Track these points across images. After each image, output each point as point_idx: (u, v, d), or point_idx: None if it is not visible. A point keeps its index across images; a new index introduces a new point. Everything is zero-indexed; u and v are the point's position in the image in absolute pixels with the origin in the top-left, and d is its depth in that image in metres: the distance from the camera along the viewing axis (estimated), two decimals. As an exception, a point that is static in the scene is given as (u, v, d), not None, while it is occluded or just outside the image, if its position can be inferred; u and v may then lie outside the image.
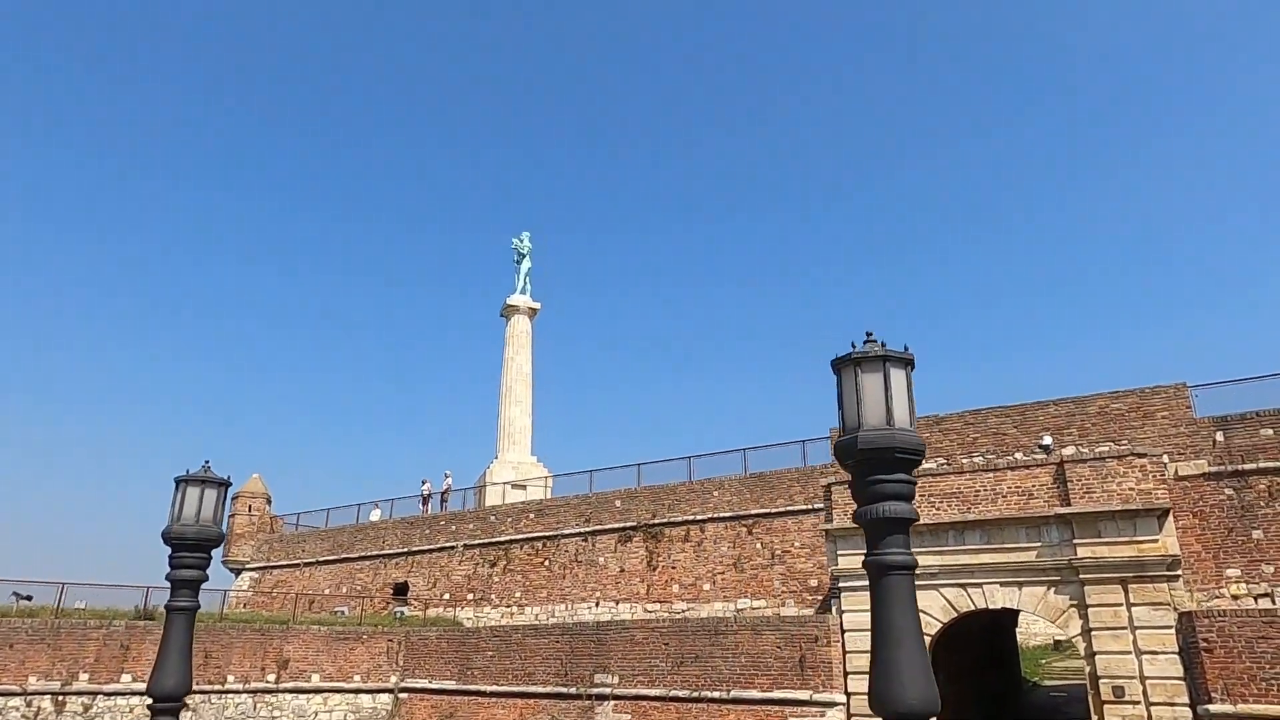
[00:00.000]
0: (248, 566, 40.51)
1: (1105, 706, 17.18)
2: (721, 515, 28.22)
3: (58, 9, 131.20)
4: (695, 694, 20.86)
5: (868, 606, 18.00)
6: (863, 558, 5.46)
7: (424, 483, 38.60)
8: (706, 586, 27.43)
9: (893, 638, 3.90)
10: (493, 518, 33.56)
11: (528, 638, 24.76)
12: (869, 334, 3.86)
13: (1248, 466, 21.13)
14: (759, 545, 27.18)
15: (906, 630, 3.84)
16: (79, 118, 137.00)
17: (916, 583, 18.34)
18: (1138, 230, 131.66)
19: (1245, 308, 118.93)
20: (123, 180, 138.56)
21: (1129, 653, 17.26)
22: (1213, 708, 15.80)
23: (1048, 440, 21.28)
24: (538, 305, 46.42)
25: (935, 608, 19.43)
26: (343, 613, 31.75)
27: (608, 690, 22.20)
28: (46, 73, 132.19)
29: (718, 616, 24.25)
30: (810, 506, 26.67)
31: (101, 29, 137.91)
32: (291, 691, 25.70)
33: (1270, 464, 20.90)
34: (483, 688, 24.54)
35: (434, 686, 25.89)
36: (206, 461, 9.10)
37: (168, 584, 8.76)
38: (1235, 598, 19.65)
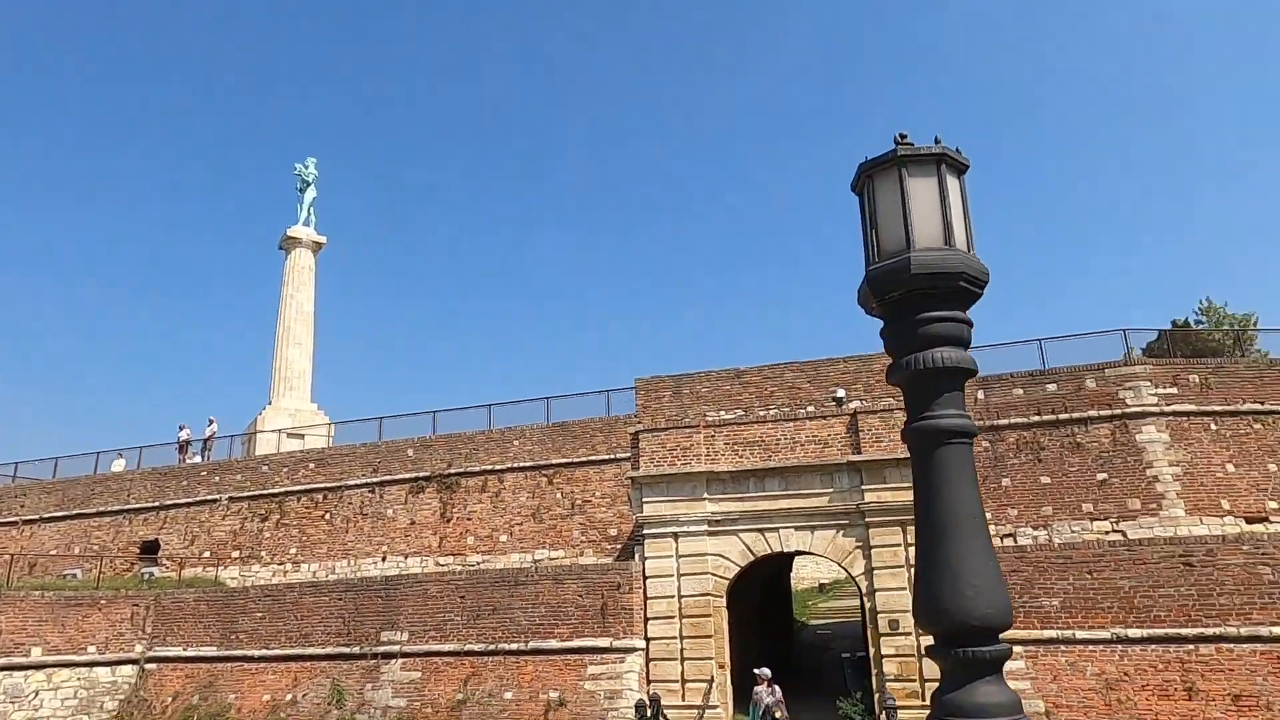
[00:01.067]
0: (-54, 526, 33.89)
1: (882, 639, 18.45)
2: (522, 465, 27.32)
3: None
4: (492, 647, 20.00)
5: (670, 552, 17.87)
6: (666, 504, 4.50)
7: (181, 428, 34.14)
8: (504, 538, 26.52)
9: (953, 527, 2.76)
10: (265, 468, 30.33)
11: (305, 596, 22.58)
12: (902, 135, 2.94)
13: (1001, 422, 23.54)
14: (559, 495, 26.64)
15: (969, 518, 2.73)
16: None
17: (718, 528, 18.28)
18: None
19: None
20: None
21: (904, 589, 18.60)
22: (972, 635, 17.38)
23: (841, 393, 22.40)
24: (323, 239, 42.43)
25: (734, 552, 19.89)
26: (74, 576, 27.36)
27: (396, 648, 20.76)
28: None
29: (516, 567, 23.46)
30: (613, 456, 26.49)
31: None
32: (2, 669, 21.68)
33: (1020, 420, 23.42)
34: (250, 652, 22.09)
35: (190, 654, 22.96)
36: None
37: None
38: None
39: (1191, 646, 16.18)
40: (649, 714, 13.03)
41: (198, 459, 33.34)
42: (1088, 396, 23.21)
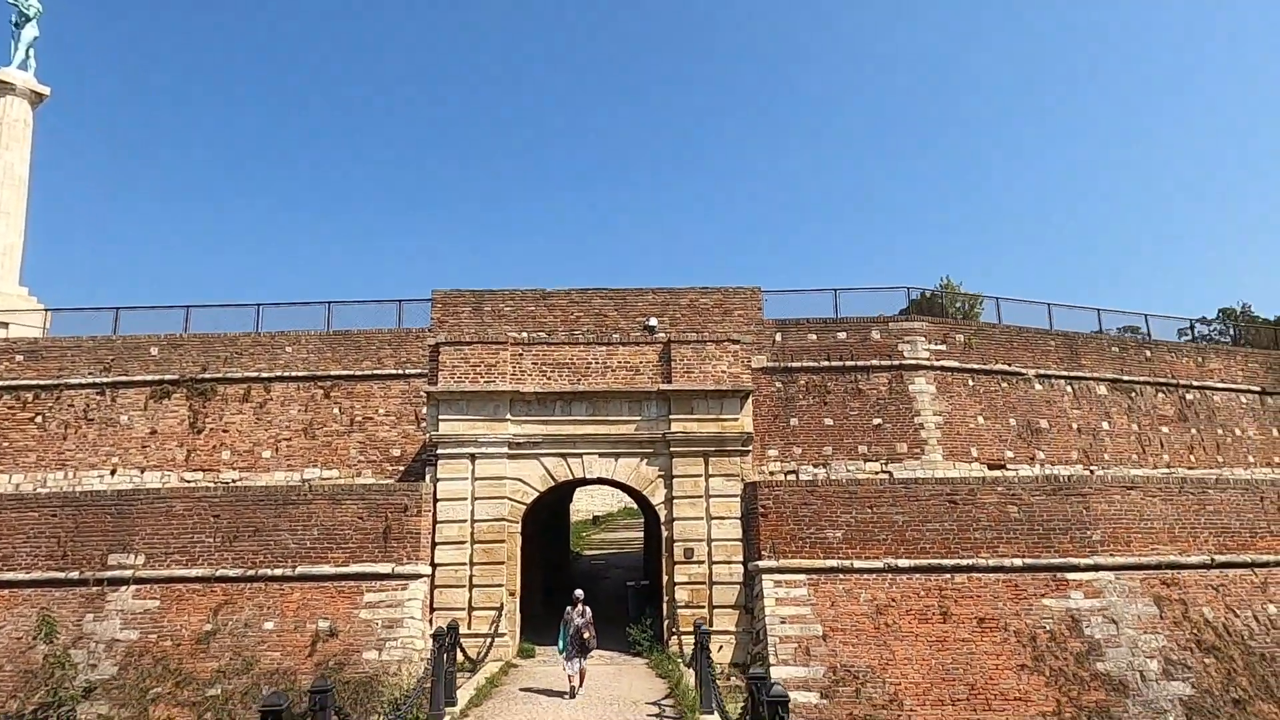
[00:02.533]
0: None
1: (676, 567, 18.52)
2: (294, 375, 24.35)
3: None
4: (251, 572, 17.65)
5: (465, 474, 16.51)
6: (465, 423, 3.69)
7: None
8: (267, 454, 23.59)
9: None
10: (-47, 357, 24.65)
11: (5, 510, 18.59)
12: None
13: (794, 365, 24.45)
14: (337, 410, 24.11)
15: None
16: None
17: (519, 451, 17.30)
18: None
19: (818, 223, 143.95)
20: None
21: (702, 519, 18.77)
22: (762, 563, 17.92)
23: (653, 322, 22.01)
24: (45, 90, 34.90)
25: (535, 476, 18.96)
26: None
27: (128, 573, 17.71)
28: None
29: (285, 485, 20.89)
30: (402, 372, 24.36)
31: None
32: None
33: (810, 363, 24.44)
34: (-77, 578, 17.87)
35: None
36: None
37: None
38: (771, 474, 22.77)
39: (949, 575, 17.76)
40: (446, 643, 11.86)
41: None
42: (872, 347, 24.71)
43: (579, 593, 15.61)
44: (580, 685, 14.70)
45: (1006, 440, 24.55)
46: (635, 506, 52.56)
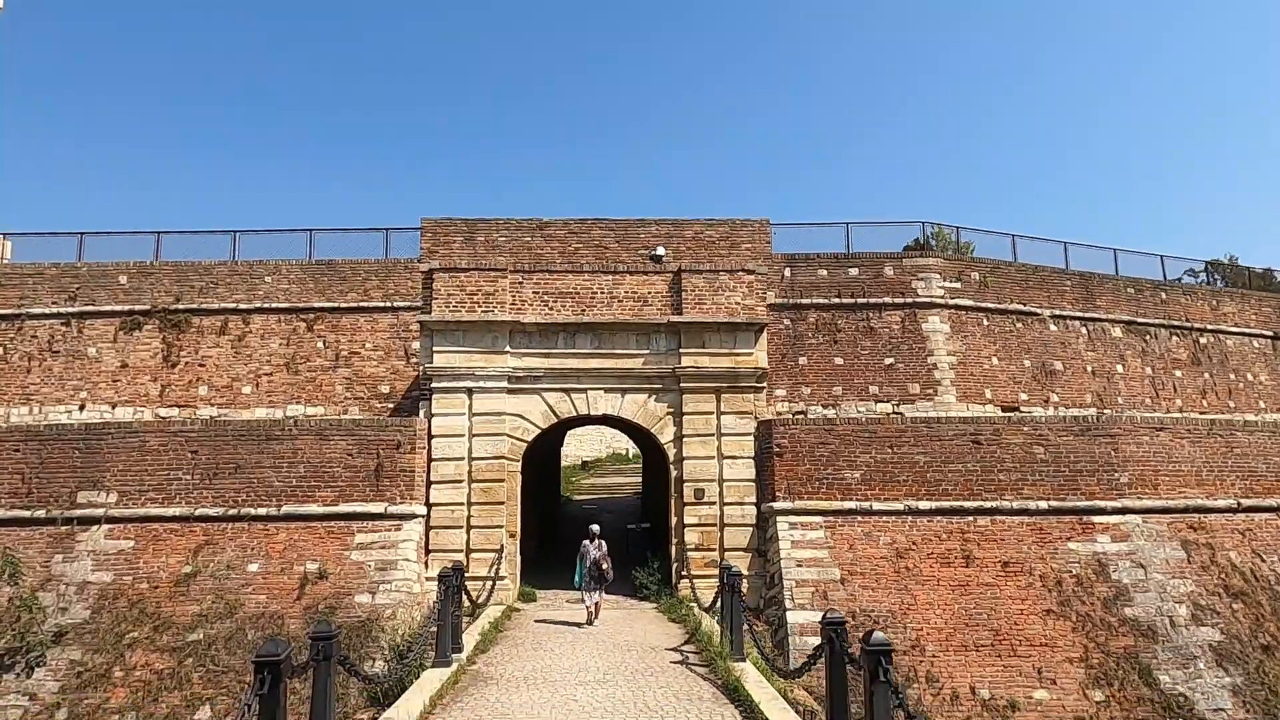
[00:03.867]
0: None
1: (686, 508, 17.57)
2: (275, 306, 22.91)
3: None
4: (233, 512, 16.48)
5: (462, 410, 15.28)
6: (462, 356, 2.50)
7: None
8: (247, 390, 22.27)
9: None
10: (-97, 284, 22.93)
11: (-37, 445, 17.22)
12: None
13: (804, 301, 23.34)
14: (321, 345, 22.76)
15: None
16: None
17: (520, 386, 16.15)
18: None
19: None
20: None
21: (713, 458, 17.78)
22: (776, 505, 17.02)
23: (661, 251, 20.74)
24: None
25: (536, 413, 17.82)
26: None
27: (100, 511, 16.48)
28: None
29: (268, 419, 19.63)
30: (389, 304, 23.00)
31: None
32: None
33: (822, 300, 23.35)
34: (-125, 516, 16.53)
35: None
36: None
37: None
38: (779, 414, 21.80)
39: (972, 518, 16.96)
40: (454, 584, 10.83)
41: None
42: (885, 283, 23.61)
43: (595, 527, 15.67)
44: (596, 616, 14.98)
45: (1021, 382, 23.71)
46: (624, 453, 51.89)
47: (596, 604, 14.97)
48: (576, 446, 48.29)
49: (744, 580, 16.99)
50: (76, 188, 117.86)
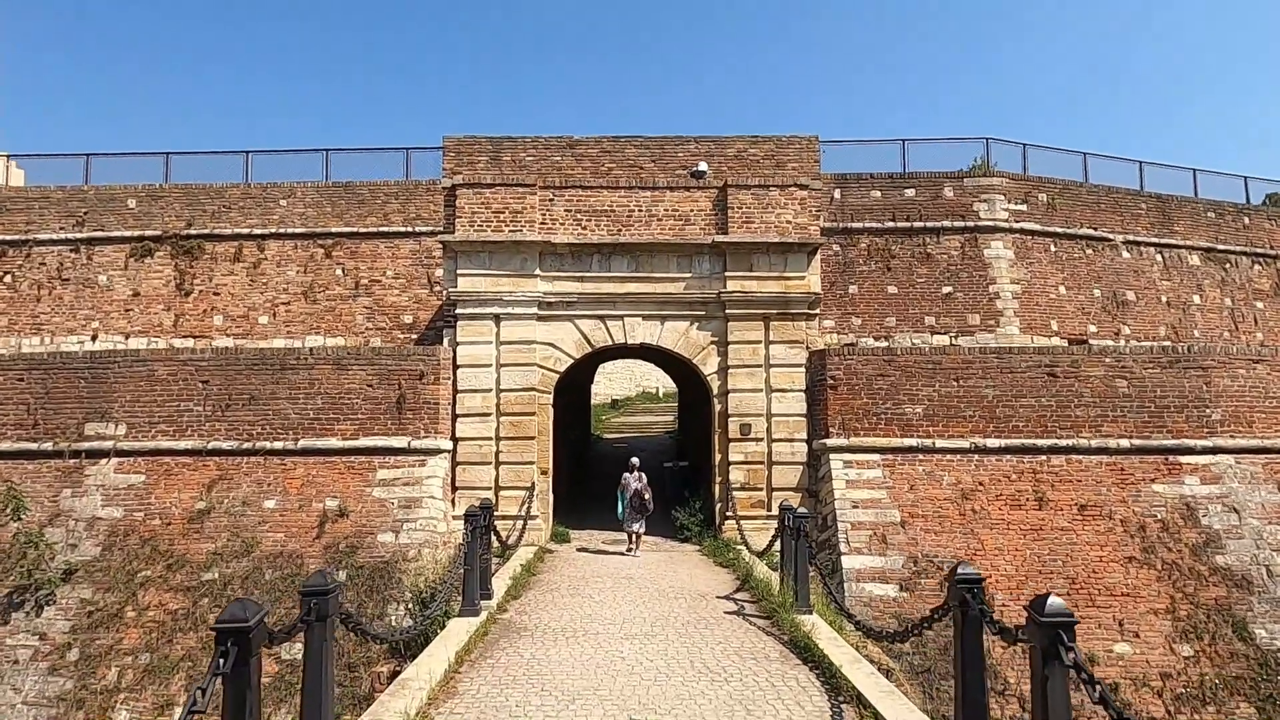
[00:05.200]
0: None
1: (731, 445, 16.26)
2: (291, 231, 21.61)
3: None
4: (248, 445, 15.46)
5: (490, 338, 13.56)
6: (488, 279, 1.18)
7: None
8: (264, 319, 21.14)
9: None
10: (-94, 209, 21.90)
11: (-34, 375, 16.30)
12: None
13: (855, 225, 21.57)
14: (340, 272, 21.49)
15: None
16: None
17: (551, 312, 14.40)
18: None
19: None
20: None
21: (760, 391, 16.38)
22: (829, 441, 15.66)
23: (703, 166, 18.99)
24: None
25: (569, 341, 16.47)
26: None
27: (109, 444, 15.54)
28: None
29: (283, 348, 18.50)
30: (411, 229, 21.59)
31: None
32: None
33: (874, 224, 21.55)
34: (-122, 447, 15.74)
35: None
36: None
37: None
38: (827, 345, 20.27)
39: (1045, 457, 15.48)
40: (481, 524, 9.65)
41: None
42: (944, 205, 21.72)
43: (635, 459, 15.71)
44: (638, 547, 15.24)
45: (1090, 313, 21.88)
46: (654, 391, 50.72)
47: (638, 534, 15.25)
48: (606, 385, 47.18)
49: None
50: (81, 108, 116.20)
